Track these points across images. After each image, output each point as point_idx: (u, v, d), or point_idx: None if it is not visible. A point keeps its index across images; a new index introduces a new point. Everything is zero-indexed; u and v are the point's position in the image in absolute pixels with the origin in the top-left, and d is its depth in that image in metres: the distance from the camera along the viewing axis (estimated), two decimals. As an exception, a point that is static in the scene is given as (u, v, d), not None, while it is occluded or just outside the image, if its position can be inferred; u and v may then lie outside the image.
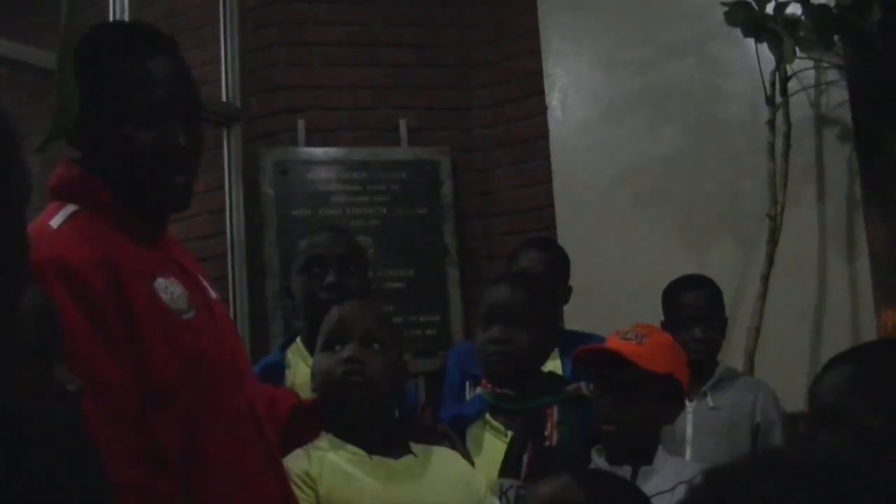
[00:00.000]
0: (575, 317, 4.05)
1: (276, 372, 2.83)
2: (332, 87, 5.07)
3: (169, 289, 1.92)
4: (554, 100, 4.93)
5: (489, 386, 2.76)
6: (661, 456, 2.59)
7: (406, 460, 2.31)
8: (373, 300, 2.80)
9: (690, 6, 4.49)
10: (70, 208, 1.91)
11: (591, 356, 2.65)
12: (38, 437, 1.07)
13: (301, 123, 4.95)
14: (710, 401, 3.49)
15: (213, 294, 2.10)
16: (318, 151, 4.97)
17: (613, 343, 2.58)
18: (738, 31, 3.97)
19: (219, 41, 5.09)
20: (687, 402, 3.47)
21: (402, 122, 5.06)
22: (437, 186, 5.00)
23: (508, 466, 2.58)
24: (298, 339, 2.91)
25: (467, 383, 3.23)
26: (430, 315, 4.91)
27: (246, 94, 5.07)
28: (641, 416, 2.54)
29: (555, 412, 2.66)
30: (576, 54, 4.90)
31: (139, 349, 1.82)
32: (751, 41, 3.99)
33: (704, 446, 3.40)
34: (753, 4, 3.88)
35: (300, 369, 2.81)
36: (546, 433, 2.64)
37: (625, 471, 2.50)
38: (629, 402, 2.52)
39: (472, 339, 4.42)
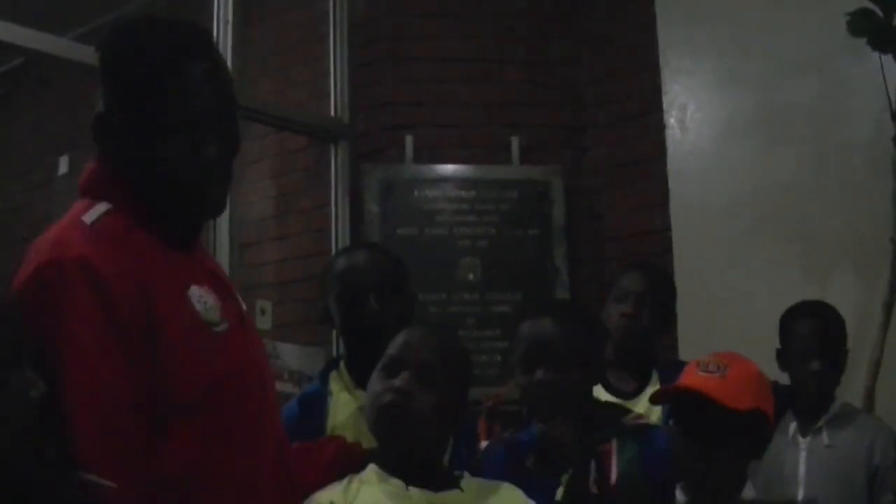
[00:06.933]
0: (690, 344, 3.90)
1: (317, 402, 2.66)
2: (441, 104, 4.96)
3: (203, 298, 1.83)
4: (672, 118, 4.74)
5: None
6: (749, 493, 2.40)
7: (449, 494, 2.16)
8: (449, 329, 2.55)
9: (814, 21, 4.24)
10: (103, 206, 1.83)
11: (671, 394, 2.45)
12: None
13: (409, 140, 4.85)
14: (825, 438, 3.31)
15: (244, 306, 2.00)
16: (425, 169, 4.86)
17: (693, 378, 2.36)
18: (865, 48, 3.76)
19: (327, 57, 5.03)
20: (801, 439, 3.33)
21: (515, 140, 4.93)
22: (548, 207, 4.86)
23: None
24: (342, 365, 2.72)
25: None
26: (538, 341, 4.74)
27: (354, 111, 4.99)
28: (730, 455, 2.33)
29: (613, 446, 2.49)
30: (694, 71, 4.71)
31: (163, 361, 1.73)
32: (878, 57, 3.77)
33: (817, 487, 3.23)
34: (878, 12, 3.69)
35: (342, 398, 2.65)
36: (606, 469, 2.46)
37: None
38: (716, 442, 2.32)
39: None
